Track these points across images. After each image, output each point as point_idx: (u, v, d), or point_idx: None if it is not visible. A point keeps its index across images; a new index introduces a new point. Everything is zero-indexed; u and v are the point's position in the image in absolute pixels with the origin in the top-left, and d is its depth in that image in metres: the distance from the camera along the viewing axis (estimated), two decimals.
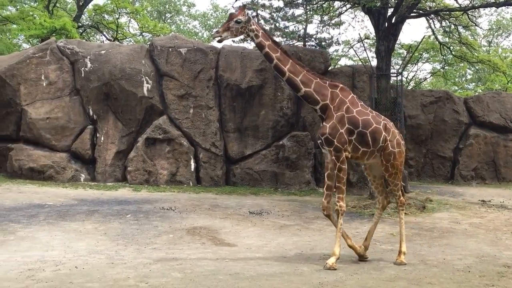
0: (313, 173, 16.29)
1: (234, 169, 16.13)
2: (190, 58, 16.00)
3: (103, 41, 28.09)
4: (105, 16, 26.67)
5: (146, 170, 15.21)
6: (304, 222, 10.29)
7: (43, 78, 15.49)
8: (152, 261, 6.73)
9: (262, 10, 24.51)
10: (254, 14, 23.44)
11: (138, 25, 29.16)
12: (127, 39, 29.68)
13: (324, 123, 6.70)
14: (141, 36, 30.45)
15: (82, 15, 27.49)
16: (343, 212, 6.72)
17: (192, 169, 15.62)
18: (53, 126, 15.31)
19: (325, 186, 6.87)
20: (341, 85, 6.97)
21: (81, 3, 26.70)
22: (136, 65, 15.68)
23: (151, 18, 33.93)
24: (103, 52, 15.89)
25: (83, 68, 15.57)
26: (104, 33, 28.68)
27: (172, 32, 30.19)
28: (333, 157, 6.63)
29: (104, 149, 15.44)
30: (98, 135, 15.60)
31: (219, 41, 6.75)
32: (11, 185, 13.68)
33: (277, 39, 26.01)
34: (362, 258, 7.10)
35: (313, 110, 7.04)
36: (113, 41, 26.25)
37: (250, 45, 23.81)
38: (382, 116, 7.14)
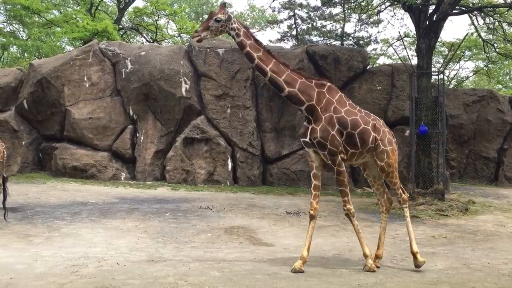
0: (350, 173, 16.09)
1: (271, 169, 16.13)
2: (227, 58, 16.11)
3: (143, 43, 28.64)
4: (145, 18, 27.20)
5: (184, 170, 15.41)
6: (342, 223, 10.17)
7: (85, 79, 15.95)
8: (190, 259, 6.81)
9: (299, 10, 24.43)
10: (292, 13, 23.32)
11: (176, 26, 29.60)
12: (165, 41, 30.17)
13: (313, 125, 6.40)
14: (179, 37, 30.88)
15: (123, 18, 28.13)
16: (353, 214, 6.59)
17: (229, 169, 15.71)
18: (95, 126, 15.73)
19: (312, 186, 6.72)
20: (329, 84, 6.64)
21: (121, 6, 27.33)
22: (174, 66, 15.91)
23: (189, 19, 34.33)
24: (143, 53, 16.21)
25: (123, 69, 15.93)
26: (144, 34, 29.26)
27: None
28: (329, 161, 6.41)
29: (143, 149, 15.74)
30: (138, 134, 15.93)
31: (199, 41, 6.44)
32: (55, 183, 14.14)
33: (314, 39, 25.90)
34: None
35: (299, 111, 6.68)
36: (153, 42, 26.74)
37: (287, 45, 23.75)
38: (372, 115, 6.85)
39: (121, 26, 27.59)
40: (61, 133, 16.06)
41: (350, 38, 25.79)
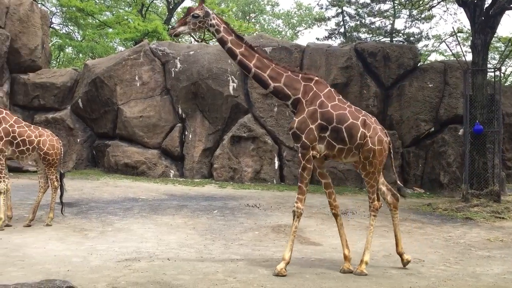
0: (400, 173, 15.73)
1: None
2: (274, 56, 16.09)
3: (191, 42, 29.12)
4: None
5: (231, 168, 15.55)
6: (391, 224, 9.92)
7: (137, 78, 16.39)
8: (239, 256, 6.86)
9: (348, 7, 24.09)
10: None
11: None
12: (213, 40, 30.54)
13: (294, 118, 6.22)
14: None
15: (172, 18, 28.70)
16: (299, 215, 6.17)
17: (276, 167, 15.73)
18: (146, 124, 16.14)
19: (323, 185, 6.55)
20: (316, 78, 6.35)
21: (171, 6, 27.90)
22: (222, 64, 16.08)
23: (236, 18, 34.62)
24: (191, 53, 16.48)
25: (173, 69, 16.25)
26: (192, 34, 29.72)
27: (256, 32, 30.60)
28: (299, 154, 6.12)
29: (192, 147, 16.01)
30: (186, 133, 16.22)
31: (175, 35, 6.34)
32: (108, 179, 14.62)
33: (363, 36, 25.49)
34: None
35: (285, 106, 6.42)
36: (201, 42, 27.13)
37: (335, 42, 23.51)
38: (363, 111, 6.45)
39: (170, 26, 28.14)
40: (114, 131, 16.58)
41: (400, 34, 25.19)
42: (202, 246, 7.48)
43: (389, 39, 24.98)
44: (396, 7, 22.20)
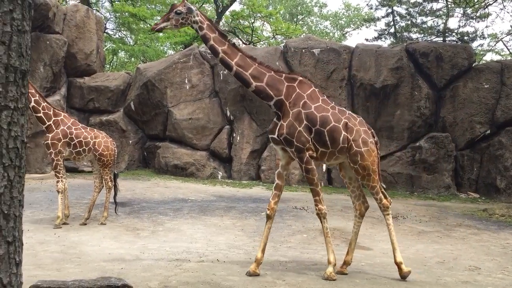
0: (453, 177, 15.24)
1: None
2: (323, 58, 16.00)
3: (239, 45, 29.38)
4: (241, 21, 27.89)
5: None
6: (445, 229, 9.65)
7: (186, 81, 16.70)
8: (287, 259, 6.85)
9: (398, 6, 23.58)
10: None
11: (271, 28, 29.97)
12: (260, 42, 30.68)
13: (281, 122, 6.03)
14: (274, 39, 31.25)
15: (221, 21, 29.05)
16: (324, 215, 6.16)
17: (324, 170, 15.58)
18: (195, 126, 16.41)
19: (274, 185, 6.34)
20: (300, 78, 6.20)
21: (220, 10, 28.24)
22: None
23: (284, 20, 34.61)
24: None
25: (221, 71, 16.44)
26: (240, 37, 29.99)
27: (304, 34, 30.48)
28: (297, 159, 6.00)
29: (239, 149, 16.14)
30: (234, 135, 16.37)
31: (157, 31, 6.36)
32: (158, 180, 14.97)
33: (414, 36, 24.86)
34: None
35: (268, 106, 6.21)
36: (248, 44, 27.32)
37: (385, 43, 23.09)
38: (347, 113, 6.24)
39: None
40: (164, 133, 16.96)
41: (453, 34, 24.39)
42: (250, 247, 7.51)
43: (441, 38, 24.24)
44: (449, 5, 21.49)
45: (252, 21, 27.66)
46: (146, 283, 5.30)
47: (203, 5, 29.40)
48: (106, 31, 28.09)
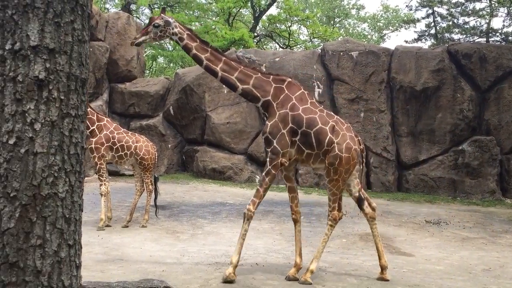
0: (498, 181, 14.71)
1: (406, 175, 15.42)
2: (361, 61, 15.81)
3: (276, 49, 29.43)
4: (278, 25, 27.92)
5: (316, 174, 15.43)
6: (490, 236, 9.33)
7: (224, 86, 16.80)
8: (327, 264, 6.79)
9: (439, 7, 23.05)
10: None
11: (308, 31, 29.88)
12: (297, 46, 30.63)
13: (266, 122, 5.99)
14: (310, 42, 31.14)
15: (257, 26, 29.20)
16: (249, 217, 5.96)
17: (362, 174, 15.36)
18: (232, 130, 16.52)
19: (287, 189, 6.33)
20: (289, 80, 6.12)
21: (257, 14, 28.39)
22: (308, 70, 16.06)
23: (321, 23, 34.44)
24: (277, 59, 16.63)
25: None
26: (276, 40, 30.04)
27: (341, 36, 30.23)
28: (268, 158, 5.89)
29: None
30: None
31: (136, 45, 6.40)
32: (196, 183, 15.14)
33: (456, 37, 24.25)
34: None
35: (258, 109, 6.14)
36: (285, 48, 27.33)
37: (425, 45, 22.64)
38: (335, 116, 6.15)
39: (256, 34, 28.65)
40: (202, 137, 17.14)
41: (497, 34, 23.59)
42: (289, 252, 7.49)
43: (485, 39, 23.53)
44: (493, 5, 20.84)
45: (289, 24, 27.64)
46: (186, 286, 5.36)
47: (240, 10, 29.64)
48: None
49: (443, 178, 14.88)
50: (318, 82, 15.91)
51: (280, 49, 28.33)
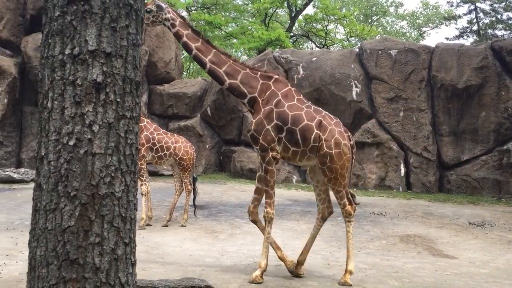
0: None
1: (448, 175, 15.03)
2: (400, 59, 15.52)
3: (312, 48, 29.26)
4: (314, 24, 27.77)
5: (355, 174, 15.25)
6: None
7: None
8: (367, 266, 6.69)
9: (481, 2, 22.36)
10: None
11: (344, 30, 29.57)
12: (334, 45, 30.36)
13: (251, 119, 5.85)
14: (347, 41, 30.79)
15: (294, 25, 29.12)
16: (270, 219, 5.93)
17: (402, 174, 15.09)
18: None
19: (254, 189, 6.10)
20: (276, 76, 5.99)
21: (293, 14, 28.32)
22: (345, 69, 15.89)
23: (358, 22, 34.03)
24: (314, 59, 16.53)
25: (296, 75, 16.45)
26: (313, 40, 29.88)
27: (379, 35, 29.77)
28: (259, 157, 5.83)
29: None
30: None
31: None
32: (234, 183, 15.23)
33: (499, 33, 23.45)
34: (293, 274, 5.98)
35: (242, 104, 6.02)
36: (322, 47, 27.13)
37: (467, 41, 22.03)
38: (324, 112, 5.95)
39: (292, 34, 28.58)
40: (239, 138, 17.24)
41: None
42: (328, 253, 7.43)
43: None
44: None
45: (326, 24, 27.44)
46: (226, 285, 5.40)
47: (276, 10, 29.64)
48: None
49: (487, 179, 14.43)
50: (356, 82, 15.72)
51: (317, 48, 28.15)
